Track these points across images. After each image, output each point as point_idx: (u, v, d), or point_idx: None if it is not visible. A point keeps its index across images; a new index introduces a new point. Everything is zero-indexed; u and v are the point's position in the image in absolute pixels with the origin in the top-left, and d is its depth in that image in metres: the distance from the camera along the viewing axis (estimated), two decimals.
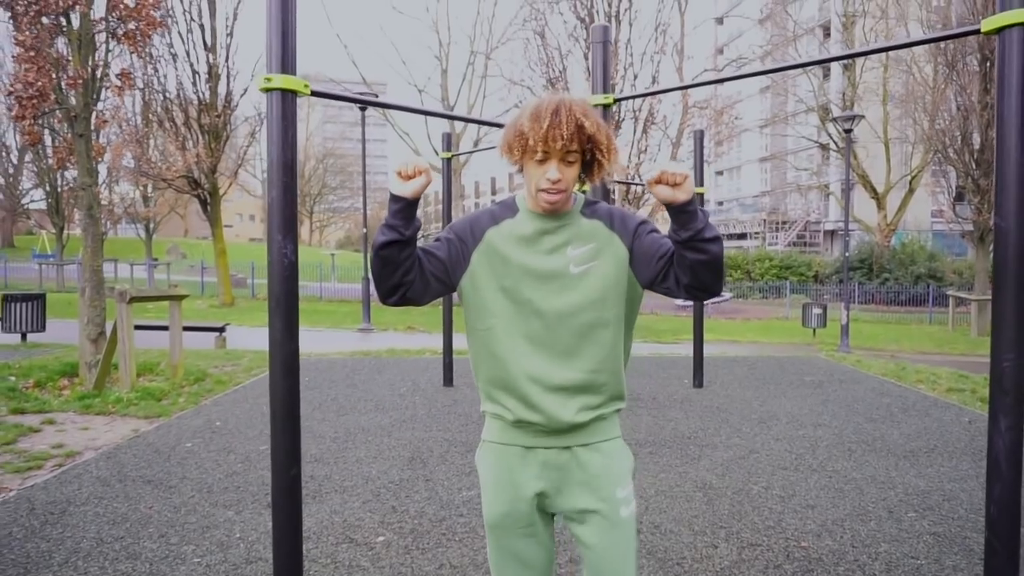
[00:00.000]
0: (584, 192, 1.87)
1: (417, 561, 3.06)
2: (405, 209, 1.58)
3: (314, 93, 2.53)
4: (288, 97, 2.36)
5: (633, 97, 4.99)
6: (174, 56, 15.69)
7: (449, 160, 7.13)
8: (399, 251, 1.58)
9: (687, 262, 1.56)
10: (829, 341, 13.69)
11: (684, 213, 1.53)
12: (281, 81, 2.33)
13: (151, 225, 26.12)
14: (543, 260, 1.63)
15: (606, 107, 3.76)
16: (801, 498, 3.88)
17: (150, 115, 16.89)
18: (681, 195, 1.51)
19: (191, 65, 16.04)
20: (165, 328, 9.68)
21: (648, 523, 3.49)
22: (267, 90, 2.34)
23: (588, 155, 1.59)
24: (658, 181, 1.51)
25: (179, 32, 15.97)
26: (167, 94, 16.00)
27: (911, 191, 28.62)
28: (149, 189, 23.29)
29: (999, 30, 2.42)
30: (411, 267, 1.60)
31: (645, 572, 2.95)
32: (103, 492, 3.93)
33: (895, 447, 4.95)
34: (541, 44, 19.36)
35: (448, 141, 7.14)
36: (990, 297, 3.14)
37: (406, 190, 1.57)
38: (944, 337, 16.11)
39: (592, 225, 1.67)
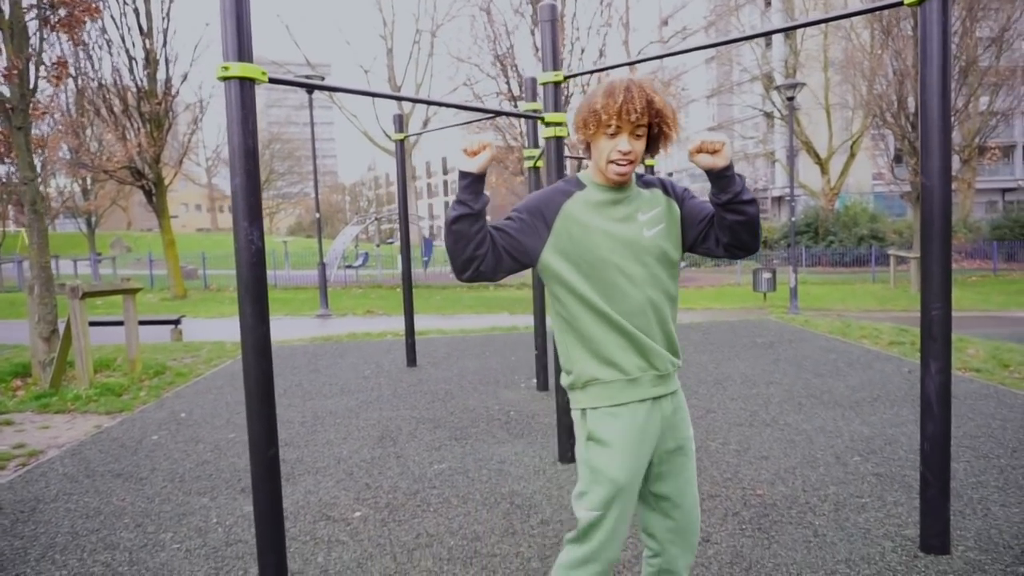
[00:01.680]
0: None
1: (394, 532, 3.16)
2: (473, 184, 1.68)
3: (272, 80, 2.56)
4: (247, 85, 2.39)
5: (582, 74, 5.08)
6: (108, 42, 15.11)
7: (402, 142, 7.13)
8: (470, 225, 1.67)
9: (727, 223, 1.73)
10: (779, 304, 14.17)
11: (723, 178, 1.70)
12: (239, 69, 2.35)
13: (93, 219, 25.24)
14: (619, 227, 1.76)
15: (556, 84, 3.86)
16: (756, 451, 4.11)
17: (85, 103, 16.24)
18: (720, 161, 1.68)
19: (127, 51, 15.48)
20: (117, 323, 9.48)
21: None
22: (225, 79, 2.36)
23: (655, 129, 1.73)
24: (699, 150, 1.68)
25: (112, 16, 15.37)
26: (103, 82, 15.42)
27: (852, 155, 29.50)
28: (89, 182, 22.47)
29: (921, 2, 2.59)
30: (482, 240, 1.69)
31: None
32: (72, 488, 3.91)
33: (841, 399, 5.23)
34: (487, 21, 19.23)
35: (400, 123, 7.13)
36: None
37: (473, 165, 1.67)
38: (886, 294, 16.82)
39: (652, 193, 1.83)
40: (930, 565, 2.65)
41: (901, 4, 2.64)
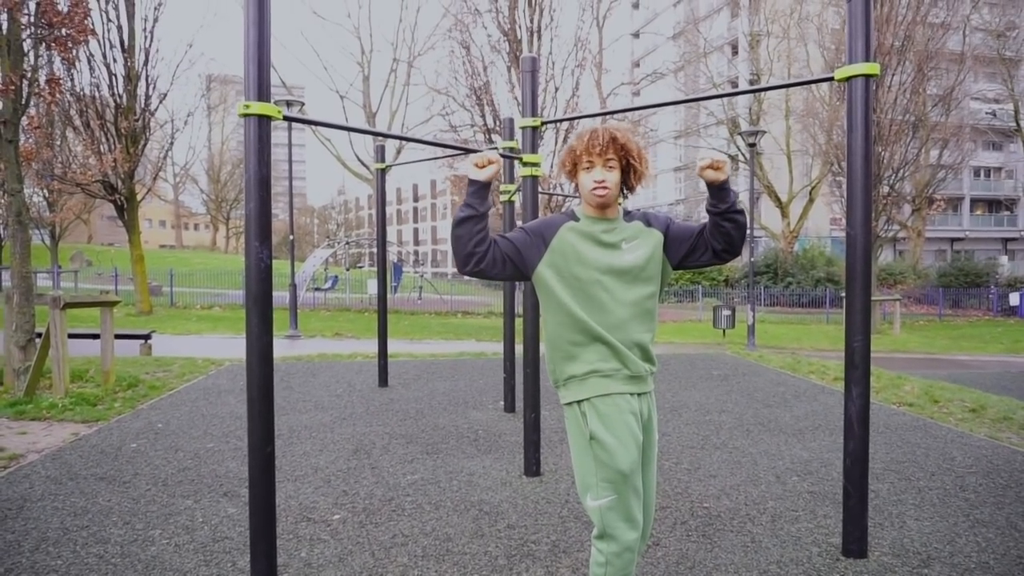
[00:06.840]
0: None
1: (372, 533, 3.42)
2: (480, 191, 2.07)
3: (286, 118, 2.88)
4: (264, 122, 2.71)
5: (559, 120, 5.51)
6: (90, 56, 15.21)
7: (383, 171, 7.46)
8: (474, 224, 2.03)
9: (722, 230, 2.13)
10: (737, 340, 14.71)
11: (722, 190, 2.12)
12: (258, 108, 2.67)
13: (57, 231, 24.92)
14: (604, 252, 2.11)
15: (534, 129, 4.25)
16: (705, 470, 4.46)
17: (56, 115, 16.21)
18: (721, 175, 2.11)
19: (107, 67, 15.60)
20: (84, 336, 9.54)
21: (575, 495, 3.97)
22: (245, 115, 2.68)
23: (624, 162, 2.10)
24: (708, 166, 2.09)
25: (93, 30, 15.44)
26: (81, 95, 15.47)
27: (811, 200, 30.69)
28: (56, 193, 22.24)
29: (848, 79, 3.04)
30: (483, 240, 2.04)
31: (572, 532, 3.42)
32: (57, 489, 4.07)
33: (786, 427, 5.64)
34: (466, 56, 19.81)
35: (382, 153, 7.47)
36: (875, 298, 3.76)
37: (482, 175, 2.07)
38: (838, 335, 17.51)
39: (633, 225, 2.19)
40: (849, 567, 3.02)
41: (832, 80, 3.09)
